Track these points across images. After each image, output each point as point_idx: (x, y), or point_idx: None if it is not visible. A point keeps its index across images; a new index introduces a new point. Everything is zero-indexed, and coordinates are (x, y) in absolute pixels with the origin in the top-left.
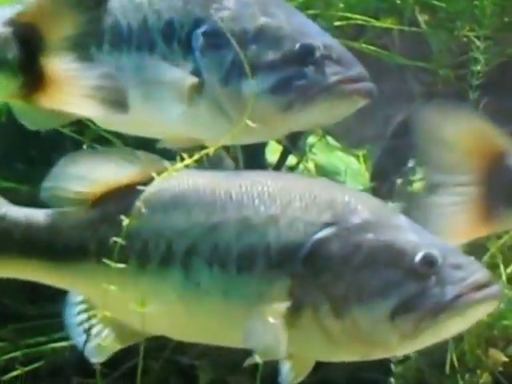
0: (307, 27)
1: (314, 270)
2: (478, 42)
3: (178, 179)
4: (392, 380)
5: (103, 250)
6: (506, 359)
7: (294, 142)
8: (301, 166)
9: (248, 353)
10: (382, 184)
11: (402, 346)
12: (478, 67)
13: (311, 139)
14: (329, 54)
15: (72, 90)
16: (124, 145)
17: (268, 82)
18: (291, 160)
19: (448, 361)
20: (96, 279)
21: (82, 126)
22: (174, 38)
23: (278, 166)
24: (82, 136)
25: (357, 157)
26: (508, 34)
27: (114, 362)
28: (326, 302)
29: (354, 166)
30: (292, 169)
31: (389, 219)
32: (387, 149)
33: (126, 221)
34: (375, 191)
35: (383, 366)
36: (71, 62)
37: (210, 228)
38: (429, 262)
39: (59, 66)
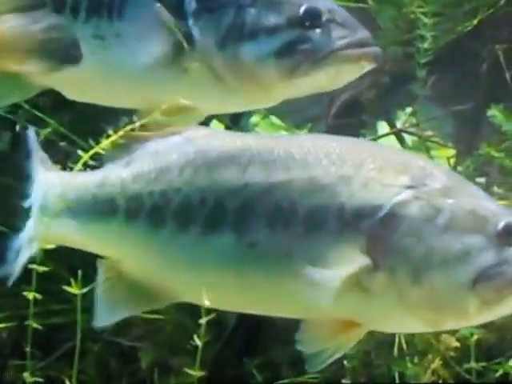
0: None
1: (393, 233)
2: (425, 19)
3: (223, 139)
4: (345, 362)
5: (133, 209)
6: (458, 344)
7: (236, 121)
8: None
9: (189, 335)
10: None
11: (480, 314)
12: (425, 45)
13: (254, 118)
14: (334, 17)
15: (16, 48)
16: (59, 124)
17: (271, 45)
18: None
19: (396, 343)
20: (124, 240)
21: (15, 106)
22: (162, 2)
23: None
24: (15, 116)
25: None
26: (458, 10)
27: (52, 343)
28: (403, 266)
29: None
30: None
31: (465, 186)
32: (331, 127)
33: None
34: None
35: None
36: (12, 20)
37: (268, 187)
38: (511, 230)
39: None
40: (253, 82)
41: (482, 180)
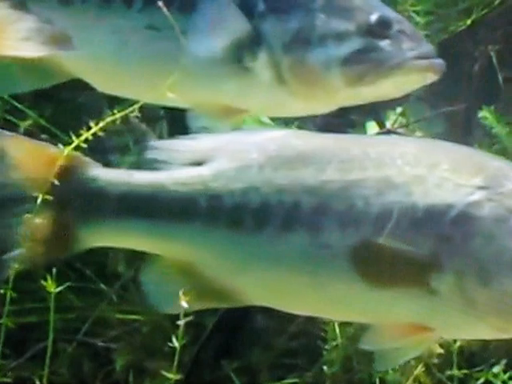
0: (373, 0)
1: (463, 233)
2: (417, 18)
3: (302, 138)
4: (325, 368)
5: (214, 209)
6: (442, 351)
7: None
8: None
9: (166, 337)
10: None
11: None
12: None
13: None
14: (402, 28)
15: (10, 33)
16: (39, 116)
17: (340, 52)
18: None
19: None
20: (203, 240)
21: None
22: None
23: None
24: None
25: None
26: (451, 9)
27: (24, 343)
28: (472, 267)
29: None
30: None
31: None
32: (319, 126)
33: None
34: None
35: (310, 352)
36: (5, 9)
37: (345, 186)
38: None
39: None
40: (317, 87)
41: None
